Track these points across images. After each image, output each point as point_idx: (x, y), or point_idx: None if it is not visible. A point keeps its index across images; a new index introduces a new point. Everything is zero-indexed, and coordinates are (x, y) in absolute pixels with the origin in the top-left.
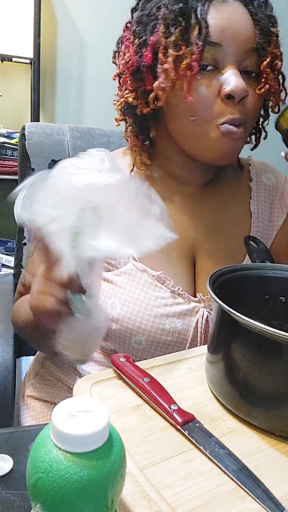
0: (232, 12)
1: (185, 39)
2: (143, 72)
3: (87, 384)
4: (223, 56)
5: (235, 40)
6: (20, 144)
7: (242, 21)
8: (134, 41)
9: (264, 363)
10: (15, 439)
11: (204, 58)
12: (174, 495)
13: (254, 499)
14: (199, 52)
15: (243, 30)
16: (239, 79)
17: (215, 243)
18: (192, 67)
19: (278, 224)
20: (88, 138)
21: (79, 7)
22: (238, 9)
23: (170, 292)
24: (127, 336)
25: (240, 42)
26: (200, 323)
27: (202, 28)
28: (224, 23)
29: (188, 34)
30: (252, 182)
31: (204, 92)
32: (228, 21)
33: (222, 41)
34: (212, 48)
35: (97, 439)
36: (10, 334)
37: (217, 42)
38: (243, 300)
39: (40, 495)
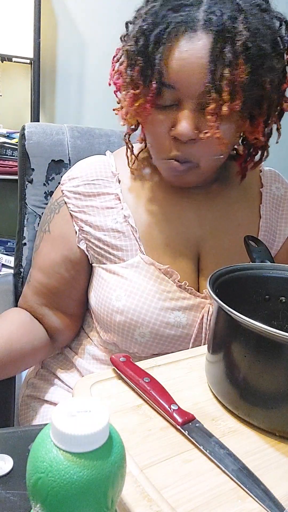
0: (194, 50)
1: (142, 79)
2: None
3: (87, 384)
4: (180, 97)
5: (189, 83)
6: (20, 144)
7: (200, 62)
8: (118, 58)
9: (264, 363)
10: (15, 439)
11: (163, 98)
12: (174, 495)
13: (254, 499)
14: (152, 96)
15: (198, 73)
16: (185, 124)
17: (220, 242)
18: (145, 109)
19: (285, 234)
20: (88, 138)
21: (79, 7)
22: (203, 46)
23: (177, 286)
24: (131, 328)
25: (193, 85)
26: (205, 319)
27: (157, 71)
28: (181, 66)
29: (146, 74)
30: (263, 188)
31: (157, 128)
32: (185, 63)
33: (176, 84)
34: (168, 90)
35: (97, 439)
36: None
37: (171, 85)
38: (243, 300)
39: (40, 495)
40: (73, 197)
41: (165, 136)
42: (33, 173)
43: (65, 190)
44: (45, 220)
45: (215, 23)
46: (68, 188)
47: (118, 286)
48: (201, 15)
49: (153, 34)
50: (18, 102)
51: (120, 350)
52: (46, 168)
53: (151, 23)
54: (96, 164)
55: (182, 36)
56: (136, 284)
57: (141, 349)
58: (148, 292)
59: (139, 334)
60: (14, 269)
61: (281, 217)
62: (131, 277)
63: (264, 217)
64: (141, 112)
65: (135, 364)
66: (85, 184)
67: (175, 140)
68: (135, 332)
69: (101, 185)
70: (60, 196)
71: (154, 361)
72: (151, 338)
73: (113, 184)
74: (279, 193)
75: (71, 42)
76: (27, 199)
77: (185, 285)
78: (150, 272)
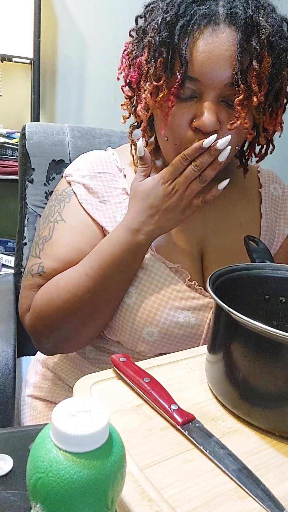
0: (217, 45)
1: (166, 70)
2: (133, 88)
3: (87, 384)
4: (201, 89)
5: (213, 75)
6: (20, 144)
7: (225, 55)
8: (130, 52)
9: (264, 363)
10: (15, 439)
11: (184, 89)
12: (174, 495)
13: (254, 499)
14: (177, 87)
15: (223, 66)
16: (209, 115)
17: (223, 242)
18: (169, 100)
19: (284, 234)
20: (89, 138)
21: (79, 7)
22: (226, 39)
23: (187, 286)
24: (140, 326)
25: (218, 77)
26: None
27: (183, 63)
28: (205, 58)
29: (169, 66)
30: (262, 188)
31: (178, 120)
32: (210, 55)
33: (200, 77)
34: (191, 82)
35: (97, 439)
36: (10, 334)
37: (195, 77)
38: (243, 300)
39: (40, 495)
40: (82, 188)
41: (186, 128)
42: (34, 173)
43: (73, 181)
44: (53, 211)
45: (240, 17)
46: (76, 179)
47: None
48: (222, 9)
49: (178, 25)
50: (18, 102)
51: (123, 350)
52: (47, 168)
53: (175, 15)
54: (101, 157)
55: (206, 29)
56: (147, 282)
57: (148, 348)
58: (158, 290)
59: (148, 333)
60: (14, 269)
61: (280, 217)
62: (142, 274)
63: (264, 217)
64: (164, 103)
65: (135, 364)
66: (91, 176)
67: (196, 132)
68: (144, 330)
69: (107, 178)
70: (68, 187)
71: (154, 361)
72: (160, 337)
73: (120, 179)
74: (277, 193)
75: (71, 42)
76: (27, 199)
77: (194, 285)
78: (161, 270)
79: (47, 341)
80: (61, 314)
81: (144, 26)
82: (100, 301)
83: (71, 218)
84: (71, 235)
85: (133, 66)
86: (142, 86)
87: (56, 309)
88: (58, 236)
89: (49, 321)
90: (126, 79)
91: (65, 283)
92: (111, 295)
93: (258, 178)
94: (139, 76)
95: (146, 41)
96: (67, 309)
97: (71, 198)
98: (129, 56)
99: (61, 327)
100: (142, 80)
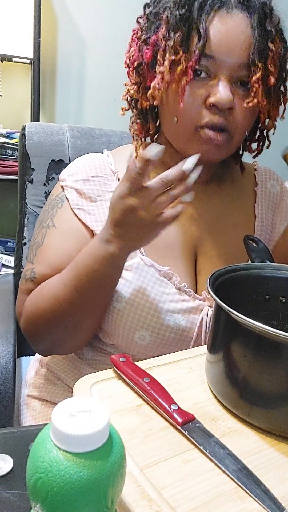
0: (233, 25)
1: (184, 45)
2: (144, 69)
3: (87, 384)
4: (217, 67)
5: (229, 54)
6: (20, 144)
7: (241, 35)
8: (140, 36)
9: (264, 363)
10: (15, 439)
11: (199, 66)
12: (174, 495)
13: (254, 499)
14: (196, 61)
15: (239, 45)
16: (226, 91)
17: (217, 242)
18: (187, 73)
19: (279, 231)
20: (88, 138)
21: (79, 7)
22: (240, 21)
23: (176, 289)
24: (131, 330)
25: (234, 56)
26: (204, 322)
27: (201, 38)
28: (222, 36)
29: (187, 41)
30: (258, 187)
31: (191, 98)
32: (226, 35)
33: (216, 55)
34: (207, 60)
35: (97, 439)
36: (10, 334)
37: (212, 55)
38: (243, 300)
39: (40, 495)
40: (74, 193)
41: (199, 106)
42: (33, 173)
43: (66, 186)
44: (46, 216)
45: (253, 3)
46: (69, 184)
47: (119, 288)
48: None
49: (197, 2)
50: (18, 102)
51: (119, 352)
52: (47, 168)
53: None
54: (95, 161)
55: (221, 10)
56: (137, 286)
57: (141, 352)
58: (148, 294)
59: (139, 337)
60: (14, 269)
61: (276, 215)
62: (131, 279)
63: (259, 217)
64: (182, 77)
65: (135, 364)
66: (84, 180)
67: (210, 110)
68: (135, 335)
69: (101, 182)
70: (61, 192)
71: (154, 361)
72: (151, 341)
73: (113, 182)
74: (275, 190)
75: (71, 42)
76: (27, 199)
77: (184, 287)
78: (150, 274)
79: (39, 344)
80: (46, 321)
81: (156, 10)
82: (80, 311)
83: (62, 224)
84: (61, 241)
85: (146, 45)
86: (159, 60)
87: (41, 316)
88: (49, 242)
89: (37, 326)
90: (134, 62)
91: (47, 292)
92: (91, 306)
93: (254, 177)
94: (153, 53)
95: (164, 17)
96: (50, 317)
97: (63, 204)
98: (139, 39)
99: (49, 333)
100: (159, 54)
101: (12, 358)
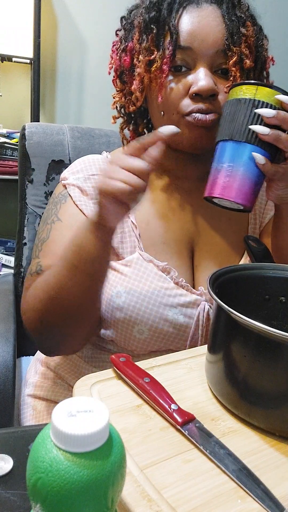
0: (203, 16)
1: (157, 44)
2: (126, 75)
3: (87, 384)
4: (194, 58)
5: (204, 43)
6: (20, 144)
7: (213, 24)
8: (118, 47)
9: (264, 363)
10: (15, 439)
11: (176, 61)
12: (174, 495)
13: (254, 499)
14: (169, 57)
15: (212, 33)
16: (207, 78)
17: (213, 238)
18: (162, 71)
19: (267, 218)
20: (88, 138)
21: (79, 7)
22: (210, 12)
23: (174, 283)
24: (130, 324)
25: (209, 44)
26: (201, 316)
27: (173, 34)
28: (194, 27)
29: (159, 40)
30: None
31: (173, 90)
32: (198, 25)
33: (191, 44)
34: (183, 52)
35: (97, 439)
36: (10, 334)
37: (187, 46)
38: (243, 300)
39: (40, 495)
40: (77, 190)
41: (182, 98)
42: (34, 173)
43: (68, 184)
44: (50, 213)
45: None
46: (71, 182)
47: (118, 283)
48: None
49: (165, 3)
50: (18, 102)
51: (118, 349)
52: (47, 168)
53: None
54: (95, 161)
55: (190, 6)
56: (136, 281)
57: (139, 346)
58: (147, 289)
59: (138, 331)
60: (14, 269)
61: (268, 204)
62: (130, 274)
63: (252, 210)
64: (158, 75)
65: (135, 364)
66: (85, 178)
67: (194, 99)
68: (134, 329)
69: None
70: (63, 190)
71: (154, 361)
72: (150, 335)
73: None
74: None
75: (71, 42)
76: (27, 199)
77: (181, 282)
78: (149, 269)
79: (43, 341)
80: (44, 312)
81: (130, 20)
82: (72, 294)
83: (68, 217)
84: (68, 233)
85: (124, 52)
86: (135, 64)
87: (39, 308)
88: (55, 235)
89: (37, 320)
90: (117, 71)
91: (41, 280)
92: (79, 286)
93: None
94: (131, 59)
95: (136, 23)
96: (47, 306)
97: (67, 200)
98: (118, 49)
99: (48, 326)
100: (135, 58)
101: (12, 358)
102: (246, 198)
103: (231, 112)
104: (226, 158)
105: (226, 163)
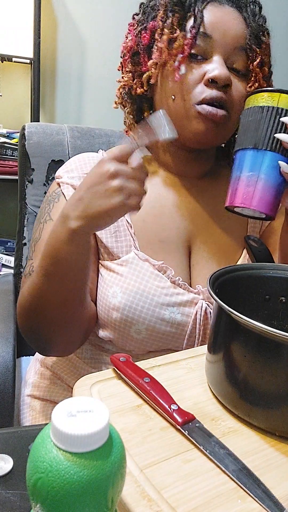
0: (226, 13)
1: (180, 25)
2: (140, 54)
3: (87, 384)
4: (212, 48)
5: (225, 35)
6: (20, 144)
7: (234, 22)
8: (136, 27)
9: (264, 363)
10: (15, 439)
11: (195, 47)
12: (174, 495)
13: (254, 499)
14: (192, 38)
15: (234, 29)
16: (224, 68)
17: (211, 236)
18: (183, 50)
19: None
20: (88, 138)
21: (79, 7)
22: (232, 12)
23: (171, 282)
24: (127, 325)
25: (230, 37)
26: (199, 315)
27: (197, 18)
28: (217, 19)
29: (184, 22)
30: None
31: (188, 75)
32: (221, 19)
33: (213, 34)
34: (203, 39)
35: (97, 439)
36: (10, 334)
37: (209, 34)
38: (243, 300)
39: (40, 495)
40: (70, 189)
41: (197, 83)
42: (33, 173)
43: (62, 183)
44: (44, 212)
45: (243, 1)
46: (65, 180)
47: (114, 283)
48: None
49: None
50: (18, 102)
51: (116, 349)
52: (46, 168)
53: None
54: (90, 159)
55: (212, 3)
56: (132, 281)
57: (137, 346)
58: (143, 288)
59: (135, 331)
60: (14, 269)
61: None
62: (126, 274)
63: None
64: (178, 53)
65: (135, 364)
66: (79, 177)
67: (209, 85)
68: (131, 329)
69: None
70: (57, 188)
71: (154, 361)
72: (147, 335)
73: None
74: None
75: (71, 42)
76: (27, 199)
77: (178, 281)
78: (145, 268)
79: (33, 341)
80: (30, 313)
81: (152, 3)
82: (53, 297)
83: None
84: None
85: (144, 30)
86: (156, 39)
87: (26, 308)
88: (46, 235)
89: (26, 320)
90: (131, 51)
91: (27, 282)
92: (62, 290)
93: None
94: (151, 36)
95: (162, 2)
96: (32, 308)
97: (60, 198)
98: (135, 29)
99: (36, 327)
100: (157, 34)
101: (12, 358)
102: (269, 207)
103: (253, 120)
104: (247, 166)
105: (248, 172)
